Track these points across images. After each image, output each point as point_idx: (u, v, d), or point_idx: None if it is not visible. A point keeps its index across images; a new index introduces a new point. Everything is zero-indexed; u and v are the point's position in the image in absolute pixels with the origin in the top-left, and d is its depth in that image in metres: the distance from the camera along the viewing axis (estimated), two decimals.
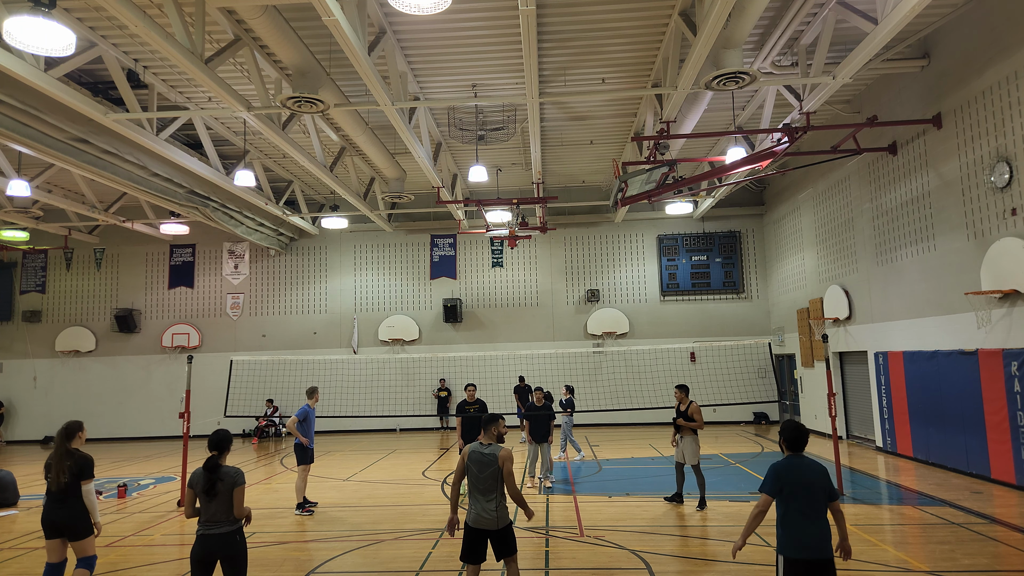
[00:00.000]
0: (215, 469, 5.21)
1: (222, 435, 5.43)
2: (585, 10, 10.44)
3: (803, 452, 4.83)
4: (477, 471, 5.55)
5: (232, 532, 5.19)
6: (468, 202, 17.29)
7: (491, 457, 5.56)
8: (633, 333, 21.58)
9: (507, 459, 5.59)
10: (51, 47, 7.55)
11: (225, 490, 5.17)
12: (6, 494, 11.49)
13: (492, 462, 5.54)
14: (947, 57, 11.84)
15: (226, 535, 5.15)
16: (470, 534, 5.54)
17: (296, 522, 9.64)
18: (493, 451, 5.60)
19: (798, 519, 4.57)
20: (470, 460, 5.61)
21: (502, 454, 5.58)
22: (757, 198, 21.74)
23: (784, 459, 4.79)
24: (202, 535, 5.13)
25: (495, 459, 5.55)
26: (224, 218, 18.25)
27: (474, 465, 5.58)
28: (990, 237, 10.80)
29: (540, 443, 11.57)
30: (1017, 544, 7.60)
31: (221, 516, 5.16)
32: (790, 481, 4.63)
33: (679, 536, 8.33)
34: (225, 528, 5.16)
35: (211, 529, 5.14)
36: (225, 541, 5.13)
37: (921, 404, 12.77)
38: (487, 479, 5.52)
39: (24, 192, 14.47)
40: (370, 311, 22.29)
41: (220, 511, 5.16)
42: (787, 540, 4.60)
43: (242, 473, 5.33)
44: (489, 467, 5.53)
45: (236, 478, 5.24)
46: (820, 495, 4.60)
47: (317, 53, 11.20)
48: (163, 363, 22.25)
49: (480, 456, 5.59)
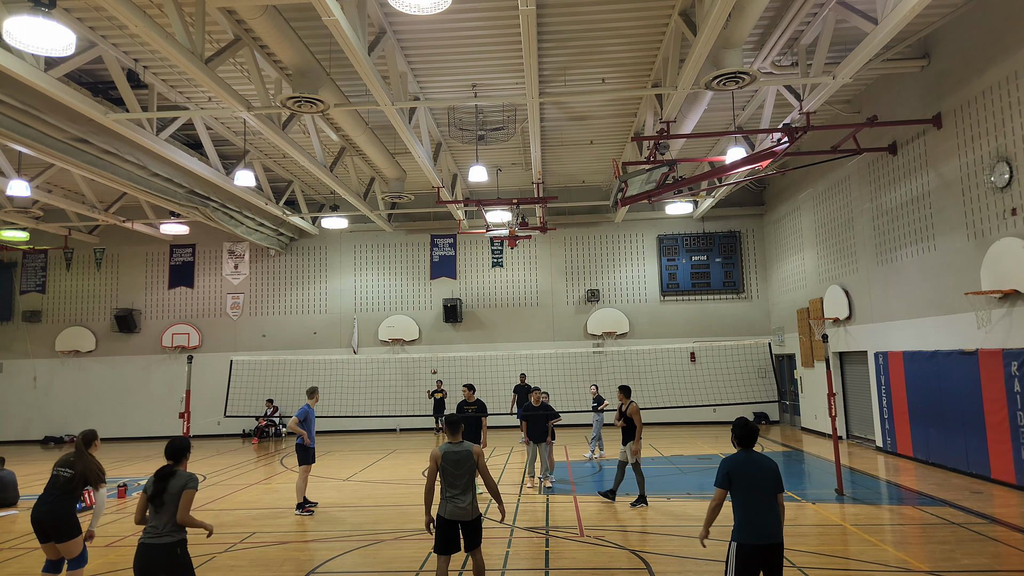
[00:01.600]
0: (166, 477, 4.92)
1: (178, 444, 5.11)
2: (585, 10, 10.44)
3: (753, 448, 5.16)
4: (454, 469, 5.86)
5: (173, 544, 4.80)
6: (468, 202, 17.29)
7: (466, 454, 5.91)
8: (633, 333, 21.58)
9: (480, 454, 6.01)
10: (51, 47, 7.55)
11: (171, 498, 4.83)
12: (6, 494, 11.49)
13: (467, 459, 5.90)
14: (947, 57, 11.84)
15: (167, 546, 4.77)
16: (445, 527, 5.84)
17: (296, 522, 9.64)
18: (466, 449, 5.94)
19: (749, 508, 4.90)
20: (444, 461, 5.89)
21: (475, 450, 5.97)
22: (757, 198, 21.74)
23: (734, 454, 5.13)
24: (143, 544, 4.80)
25: (470, 455, 5.92)
26: (224, 218, 18.25)
27: (450, 465, 5.87)
28: (990, 237, 10.80)
29: (538, 443, 11.57)
30: (1017, 544, 7.60)
31: (166, 524, 4.82)
32: (740, 474, 4.98)
33: (679, 536, 8.33)
34: (167, 539, 4.79)
35: (152, 538, 4.79)
36: (165, 552, 4.75)
37: (921, 404, 12.77)
38: (463, 475, 5.88)
39: (24, 192, 14.47)
40: (370, 311, 22.29)
41: (167, 520, 4.82)
42: (740, 527, 4.91)
43: (196, 478, 5.01)
44: (465, 463, 5.89)
45: (187, 481, 4.92)
46: (769, 486, 4.93)
47: (317, 53, 11.20)
48: (163, 363, 22.25)
49: (456, 455, 5.90)
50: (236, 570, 7.46)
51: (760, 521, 4.85)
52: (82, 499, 10.93)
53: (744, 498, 4.95)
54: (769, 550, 4.81)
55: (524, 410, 11.89)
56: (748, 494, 4.94)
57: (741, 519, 4.93)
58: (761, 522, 4.85)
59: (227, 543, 8.56)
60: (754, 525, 4.85)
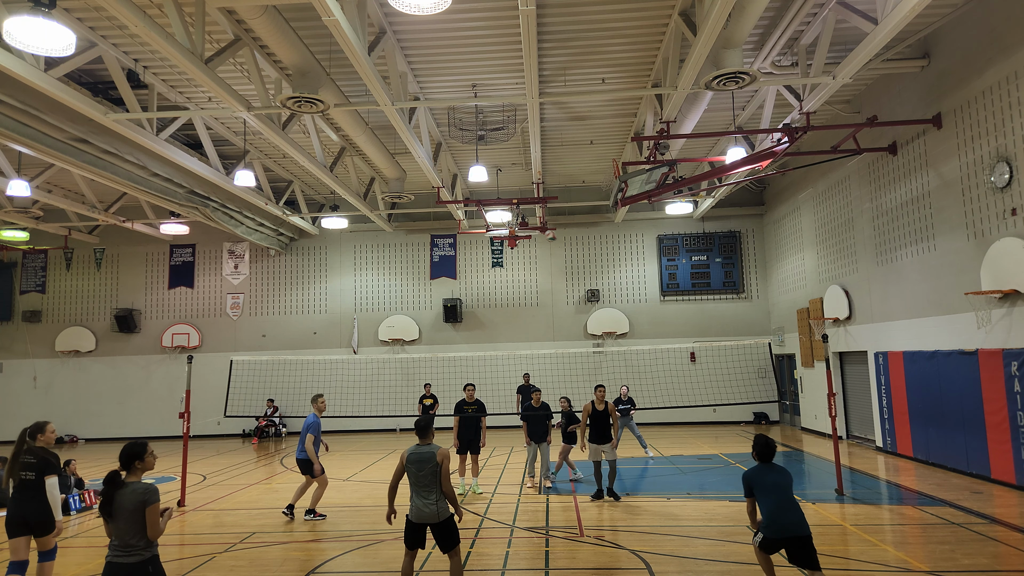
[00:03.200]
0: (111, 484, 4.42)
1: (129, 450, 4.55)
2: (585, 10, 10.44)
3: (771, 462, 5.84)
4: (416, 470, 5.90)
5: (143, 562, 4.35)
6: (468, 202, 17.29)
7: (429, 455, 5.91)
8: (633, 333, 21.58)
9: (445, 457, 5.95)
10: (51, 47, 7.56)
11: (126, 511, 4.35)
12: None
13: (430, 459, 5.90)
14: (947, 57, 11.84)
15: (135, 565, 4.31)
16: (410, 527, 5.93)
17: (296, 522, 9.63)
18: (431, 450, 5.94)
19: (775, 510, 5.57)
20: (408, 461, 5.94)
21: (440, 452, 5.94)
22: (757, 198, 21.74)
23: (754, 467, 5.83)
24: (110, 563, 4.33)
25: (433, 457, 5.91)
26: (224, 218, 18.25)
27: (413, 465, 5.92)
28: (990, 237, 10.80)
29: (539, 443, 11.57)
30: (1017, 544, 7.60)
31: (130, 540, 4.33)
32: (760, 483, 5.68)
33: (679, 536, 8.33)
34: (135, 557, 4.33)
35: (118, 556, 4.33)
36: (133, 572, 4.31)
37: (921, 404, 12.77)
38: (426, 476, 5.88)
39: (24, 192, 14.47)
40: (370, 311, 22.29)
41: (127, 534, 4.34)
42: (768, 526, 5.59)
43: (154, 491, 4.43)
44: (427, 464, 5.90)
45: (145, 496, 4.36)
46: (788, 490, 5.65)
47: (317, 53, 11.20)
48: (163, 363, 22.25)
49: (419, 456, 5.93)
50: (236, 570, 7.47)
51: (785, 519, 5.51)
52: (82, 499, 10.99)
53: (766, 502, 5.62)
54: (800, 541, 5.46)
55: (524, 410, 11.89)
56: (770, 498, 5.60)
57: (768, 520, 5.57)
58: (786, 520, 5.50)
59: (227, 543, 8.56)
60: (780, 523, 5.51)
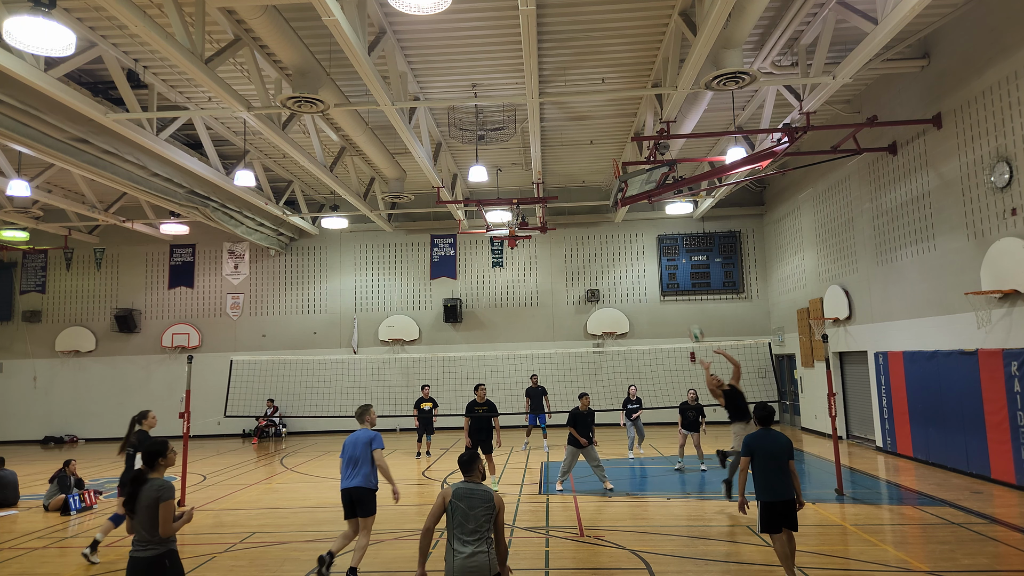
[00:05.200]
0: (137, 482, 4.69)
1: (151, 448, 4.81)
2: (585, 10, 10.44)
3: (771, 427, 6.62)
4: (466, 507, 4.61)
5: (160, 556, 4.56)
6: (468, 202, 17.28)
7: (484, 494, 4.69)
8: (633, 333, 21.57)
9: (502, 504, 4.74)
10: (51, 47, 7.55)
11: (145, 507, 4.58)
12: (7, 493, 11.50)
13: (487, 500, 4.66)
14: (947, 57, 11.84)
15: (153, 559, 4.54)
16: None
17: (296, 522, 9.64)
18: (487, 490, 4.75)
19: (767, 474, 6.33)
20: (455, 497, 4.65)
21: (497, 497, 4.73)
22: (757, 198, 21.74)
23: (756, 431, 6.55)
24: (132, 556, 4.58)
25: (490, 498, 4.68)
26: (224, 218, 18.25)
27: (461, 502, 4.62)
28: (990, 237, 10.80)
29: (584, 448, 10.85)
30: (1017, 544, 7.60)
31: (146, 535, 4.57)
32: (760, 447, 6.38)
33: (679, 536, 8.33)
34: (151, 551, 4.56)
35: (138, 551, 4.57)
36: (151, 565, 4.54)
37: (921, 404, 12.77)
38: (476, 518, 4.59)
39: (24, 192, 14.47)
40: (370, 311, 22.28)
41: (145, 529, 4.58)
42: (761, 488, 6.36)
43: (169, 488, 4.64)
44: (481, 504, 4.63)
45: (160, 492, 4.58)
46: (783, 457, 6.34)
47: (317, 53, 11.20)
48: (163, 363, 22.25)
49: (470, 493, 4.68)
50: (236, 570, 7.47)
51: (775, 484, 6.30)
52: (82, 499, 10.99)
53: (763, 466, 6.34)
54: (785, 505, 6.30)
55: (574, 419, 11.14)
56: (765, 463, 6.33)
57: (761, 483, 6.33)
58: (776, 485, 6.29)
59: (227, 543, 8.56)
60: (772, 487, 6.30)
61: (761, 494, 6.35)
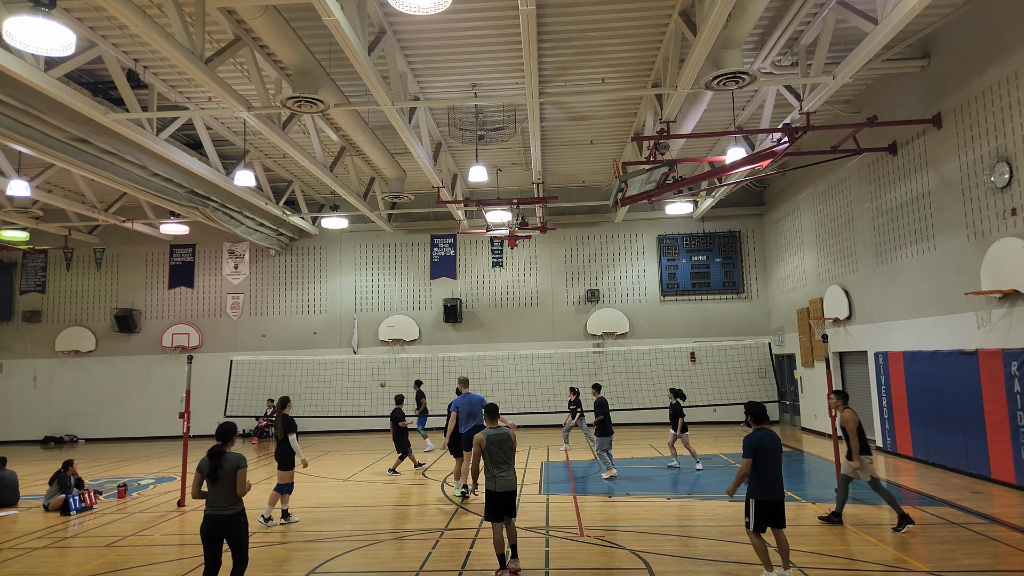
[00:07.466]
0: (217, 456, 5.82)
1: (226, 427, 6.15)
2: (585, 10, 10.44)
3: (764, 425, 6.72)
4: (498, 447, 7.04)
5: (237, 514, 5.83)
6: (468, 202, 17.28)
7: (506, 435, 7.19)
8: (633, 333, 21.57)
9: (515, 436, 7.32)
10: (51, 47, 7.55)
11: (227, 474, 5.78)
12: (7, 493, 11.49)
13: (508, 439, 7.17)
14: (947, 57, 11.84)
15: (232, 516, 5.81)
16: (499, 498, 6.96)
17: (296, 522, 9.63)
18: (506, 430, 7.23)
19: (768, 474, 6.48)
20: (490, 442, 7.06)
21: (512, 431, 7.28)
22: (757, 198, 21.74)
23: (756, 431, 6.62)
24: (209, 515, 5.80)
25: (509, 437, 7.18)
26: (224, 218, 18.25)
27: (495, 445, 7.06)
28: (990, 237, 10.80)
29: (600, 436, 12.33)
30: (1017, 544, 7.60)
31: (226, 498, 5.78)
32: (763, 447, 6.50)
33: (679, 536, 8.33)
34: (231, 510, 5.81)
35: (217, 510, 5.78)
36: (230, 521, 5.80)
37: (921, 404, 12.77)
38: (506, 452, 7.09)
39: (24, 192, 14.47)
40: (370, 311, 22.29)
41: (224, 493, 5.77)
42: (759, 488, 6.48)
43: (244, 458, 5.94)
44: (507, 443, 7.12)
45: (238, 462, 5.87)
46: (778, 455, 6.55)
47: (317, 53, 11.20)
48: (163, 363, 22.24)
49: (498, 436, 7.13)
50: None
51: (772, 485, 6.45)
52: (82, 499, 10.98)
53: (764, 466, 6.47)
54: (779, 504, 6.47)
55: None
56: (767, 463, 6.47)
57: (761, 483, 6.45)
58: (773, 486, 6.46)
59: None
60: (772, 486, 6.45)
61: (758, 494, 6.43)
